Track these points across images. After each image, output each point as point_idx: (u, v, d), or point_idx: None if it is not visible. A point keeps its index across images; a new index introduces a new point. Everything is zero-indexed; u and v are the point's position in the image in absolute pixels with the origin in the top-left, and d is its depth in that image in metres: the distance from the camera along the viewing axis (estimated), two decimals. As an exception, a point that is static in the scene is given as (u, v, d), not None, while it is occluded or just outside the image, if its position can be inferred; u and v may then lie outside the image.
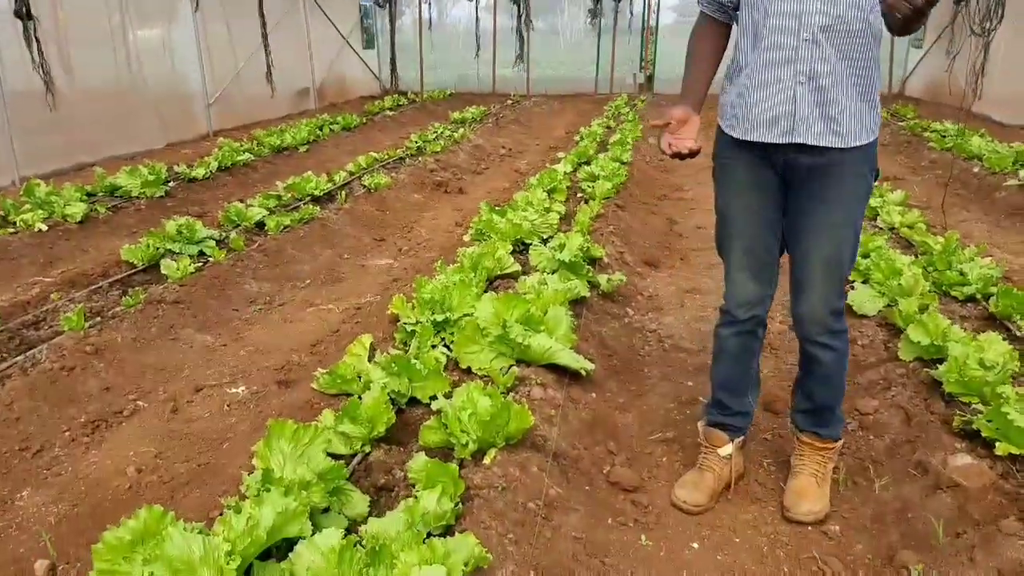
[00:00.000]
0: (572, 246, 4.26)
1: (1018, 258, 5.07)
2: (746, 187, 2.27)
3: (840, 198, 2.13)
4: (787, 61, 2.03)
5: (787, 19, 2.01)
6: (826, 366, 2.31)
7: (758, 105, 2.11)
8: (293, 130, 9.51)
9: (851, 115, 2.04)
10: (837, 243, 2.17)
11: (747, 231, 2.30)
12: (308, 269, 4.96)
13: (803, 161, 2.12)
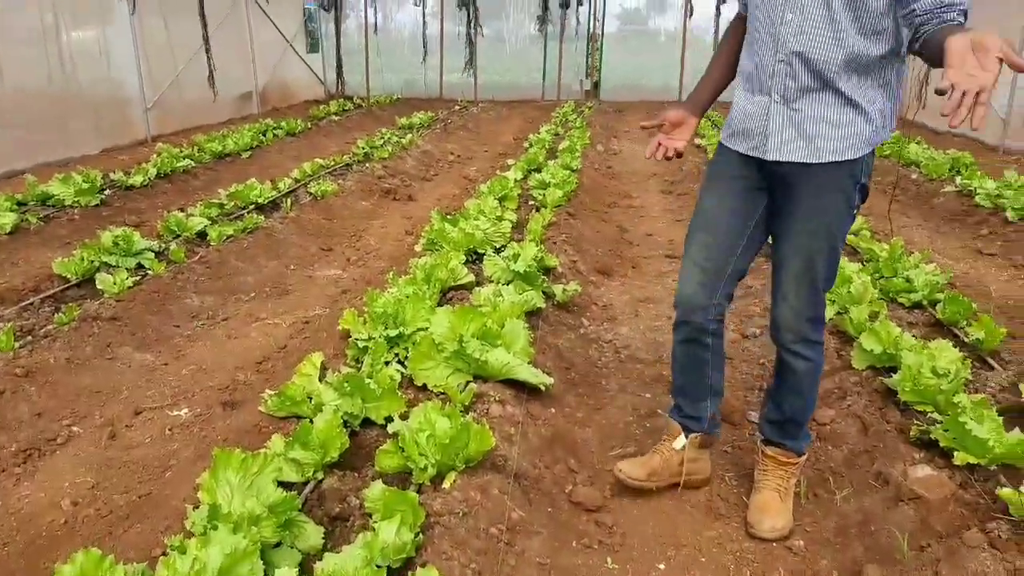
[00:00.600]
0: (526, 256, 4.20)
1: (958, 263, 5.21)
2: (725, 188, 2.26)
3: (815, 213, 2.12)
4: (766, 78, 2.05)
5: (766, 39, 2.03)
6: (798, 375, 2.30)
7: (739, 117, 2.16)
8: (236, 135, 9.26)
9: (828, 134, 2.02)
10: (809, 256, 2.16)
11: (711, 228, 2.29)
12: (253, 281, 4.80)
13: (783, 173, 2.12)
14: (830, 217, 2.12)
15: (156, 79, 10.03)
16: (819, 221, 2.12)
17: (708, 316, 2.35)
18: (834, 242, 2.16)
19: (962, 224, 6.03)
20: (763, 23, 2.04)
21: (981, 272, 5.00)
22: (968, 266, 5.15)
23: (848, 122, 2.01)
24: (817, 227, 2.13)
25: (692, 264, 2.32)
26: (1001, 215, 5.82)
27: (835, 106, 2.00)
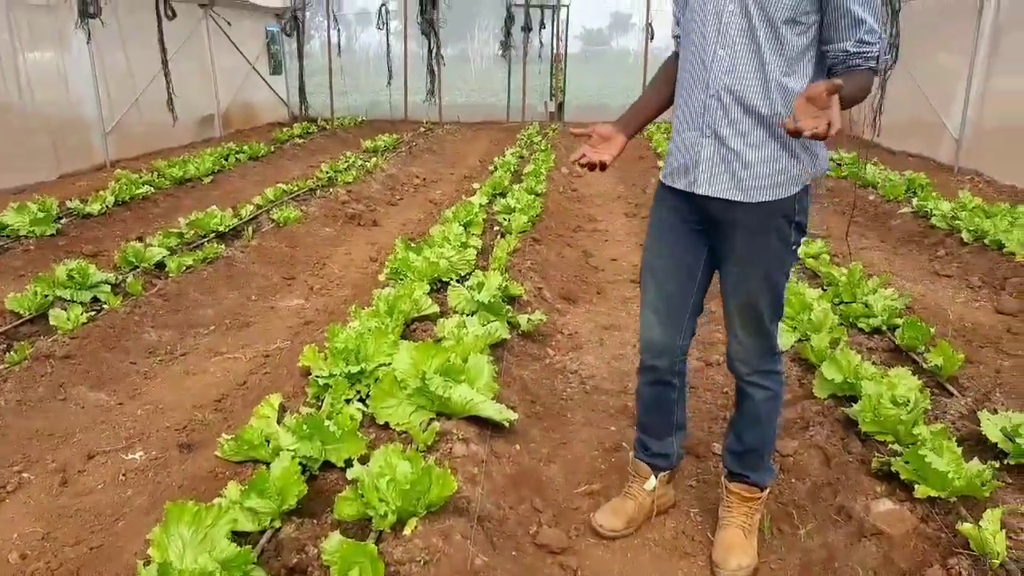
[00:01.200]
0: (491, 286, 4.19)
1: (916, 285, 5.30)
2: (668, 230, 2.27)
3: (753, 253, 2.13)
4: (697, 113, 2.06)
5: (697, 76, 2.05)
6: (757, 405, 2.31)
7: (674, 153, 2.17)
8: (197, 160, 9.13)
9: (757, 172, 2.02)
10: (751, 296, 2.17)
11: (663, 273, 2.30)
12: (212, 314, 4.71)
13: (717, 212, 2.11)
14: (768, 259, 2.13)
15: (116, 103, 9.88)
16: (757, 264, 2.13)
17: (674, 357, 2.39)
18: (775, 282, 2.17)
19: (919, 245, 6.15)
20: (694, 60, 2.05)
21: (939, 294, 5.09)
22: (926, 288, 5.24)
23: (776, 159, 2.02)
24: (755, 270, 2.14)
25: (651, 311, 2.34)
26: (956, 236, 5.95)
27: (764, 144, 2.01)
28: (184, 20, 11.14)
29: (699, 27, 2.03)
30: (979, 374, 3.66)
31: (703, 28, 2.02)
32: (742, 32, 1.96)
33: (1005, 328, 4.49)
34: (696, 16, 2.03)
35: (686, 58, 2.09)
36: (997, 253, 5.48)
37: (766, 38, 1.94)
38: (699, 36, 2.03)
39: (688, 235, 2.23)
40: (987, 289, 5.11)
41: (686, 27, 2.09)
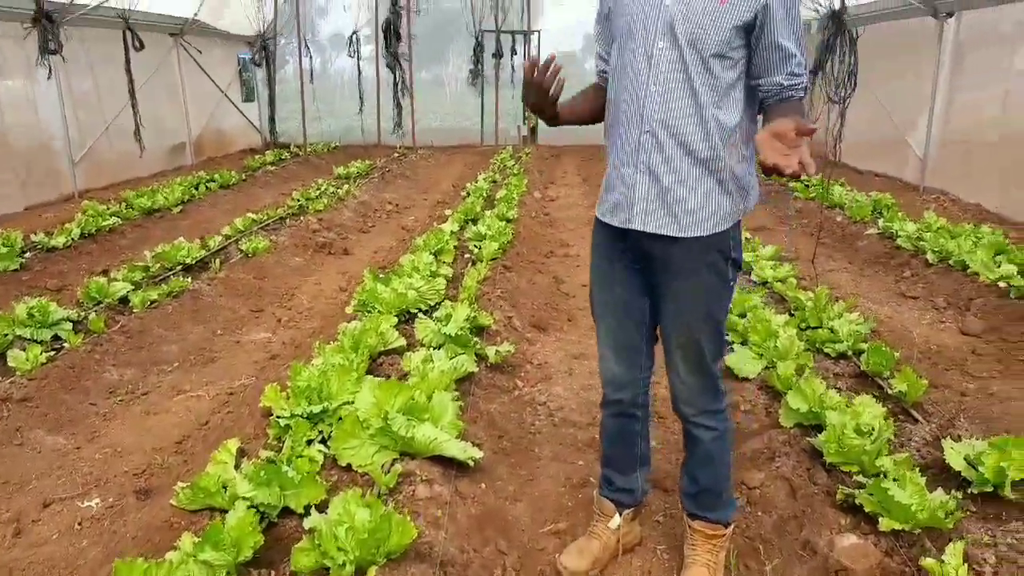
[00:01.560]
0: (458, 317, 4.17)
1: (882, 307, 5.34)
2: (609, 268, 2.27)
3: (691, 289, 2.13)
4: (632, 150, 2.07)
5: (631, 112, 2.06)
6: (706, 446, 2.30)
7: (609, 189, 2.16)
8: (166, 190, 9.04)
9: (692, 207, 2.04)
10: (691, 335, 2.17)
11: (610, 311, 2.31)
12: (177, 350, 4.64)
13: (653, 248, 2.12)
14: (704, 296, 2.14)
15: (85, 131, 9.78)
16: (694, 302, 2.14)
17: (636, 390, 2.39)
18: (714, 319, 2.17)
19: (885, 267, 6.21)
20: (628, 98, 2.06)
21: (904, 316, 5.13)
22: (892, 310, 5.28)
23: (709, 195, 2.04)
24: (693, 307, 2.14)
25: (608, 347, 2.35)
26: (922, 257, 6.01)
27: (697, 179, 2.03)
28: (155, 49, 11.10)
29: (631, 64, 2.04)
30: (944, 399, 3.68)
31: (635, 65, 2.03)
32: (673, 68, 1.98)
33: (970, 349, 4.53)
34: (627, 54, 2.05)
35: (620, 96, 2.09)
36: (961, 274, 5.55)
37: (697, 73, 1.96)
38: (632, 73, 2.04)
39: (628, 272, 2.23)
40: (952, 310, 5.16)
41: (618, 65, 2.09)
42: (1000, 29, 8.13)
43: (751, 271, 5.72)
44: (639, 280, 2.23)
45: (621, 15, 2.08)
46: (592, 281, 2.36)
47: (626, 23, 2.05)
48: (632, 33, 2.04)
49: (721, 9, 1.94)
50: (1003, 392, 3.92)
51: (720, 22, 1.94)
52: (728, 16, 1.93)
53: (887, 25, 10.14)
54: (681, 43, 1.96)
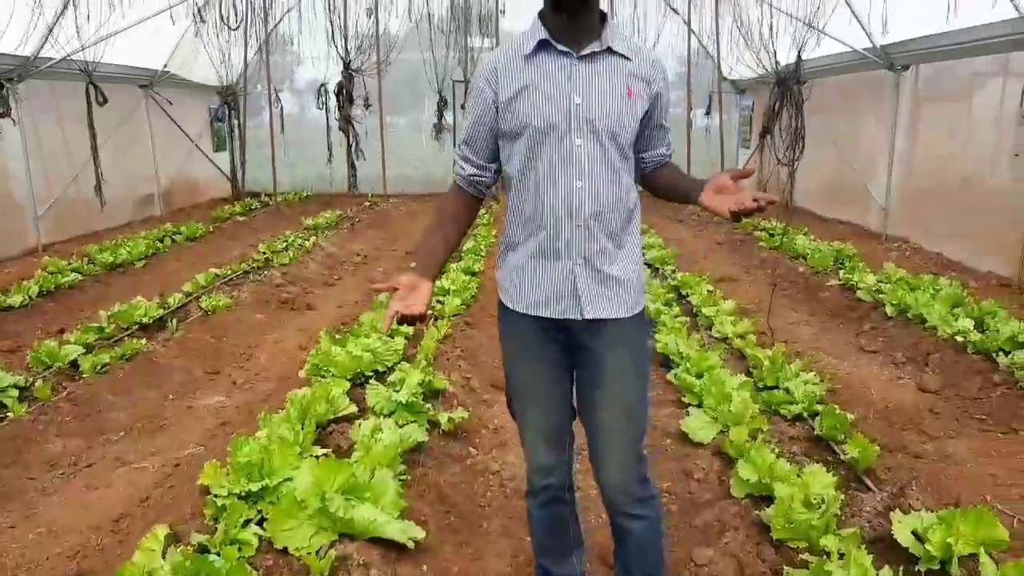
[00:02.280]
0: (411, 383, 4.11)
1: (842, 362, 5.35)
2: (533, 356, 2.23)
3: (626, 367, 2.15)
4: (564, 244, 2.06)
5: (559, 206, 2.04)
6: (639, 536, 2.25)
7: (539, 284, 2.12)
8: (130, 244, 8.95)
9: (627, 288, 2.11)
10: (625, 413, 2.16)
11: (539, 398, 2.26)
12: (125, 417, 4.53)
13: (588, 332, 2.12)
14: (638, 369, 2.18)
15: (51, 184, 9.69)
16: (630, 377, 2.16)
17: (564, 472, 2.35)
18: (642, 394, 2.20)
19: (846, 320, 6.24)
20: (551, 193, 2.03)
21: (863, 372, 5.13)
22: (851, 365, 5.29)
23: (634, 272, 2.14)
24: (630, 382, 2.16)
25: (534, 435, 2.29)
26: (882, 310, 6.05)
27: (625, 260, 2.12)
28: (124, 100, 11.11)
29: (550, 163, 2.02)
30: (897, 464, 3.65)
31: (555, 163, 2.02)
32: (596, 162, 2.02)
33: (927, 407, 4.53)
34: (544, 152, 2.02)
35: (536, 193, 2.05)
36: (920, 327, 5.58)
37: (617, 163, 2.05)
38: (553, 171, 2.02)
39: (553, 358, 2.20)
40: (911, 365, 5.18)
41: (530, 165, 2.05)
42: (957, 80, 8.33)
43: (711, 326, 5.72)
44: (565, 367, 2.22)
45: (523, 119, 2.03)
46: (512, 374, 2.30)
47: (534, 124, 2.02)
48: (544, 133, 2.02)
49: (630, 103, 2.05)
50: (958, 454, 3.91)
51: (631, 114, 2.05)
52: (636, 108, 2.06)
53: (847, 76, 10.38)
54: (602, 138, 2.02)
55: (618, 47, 2.03)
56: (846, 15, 8.95)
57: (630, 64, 2.04)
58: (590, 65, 2.01)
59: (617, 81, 2.02)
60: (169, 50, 11.62)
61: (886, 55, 8.98)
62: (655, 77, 2.08)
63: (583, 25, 2.00)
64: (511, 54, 2.06)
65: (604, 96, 2.01)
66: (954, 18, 6.51)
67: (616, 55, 2.03)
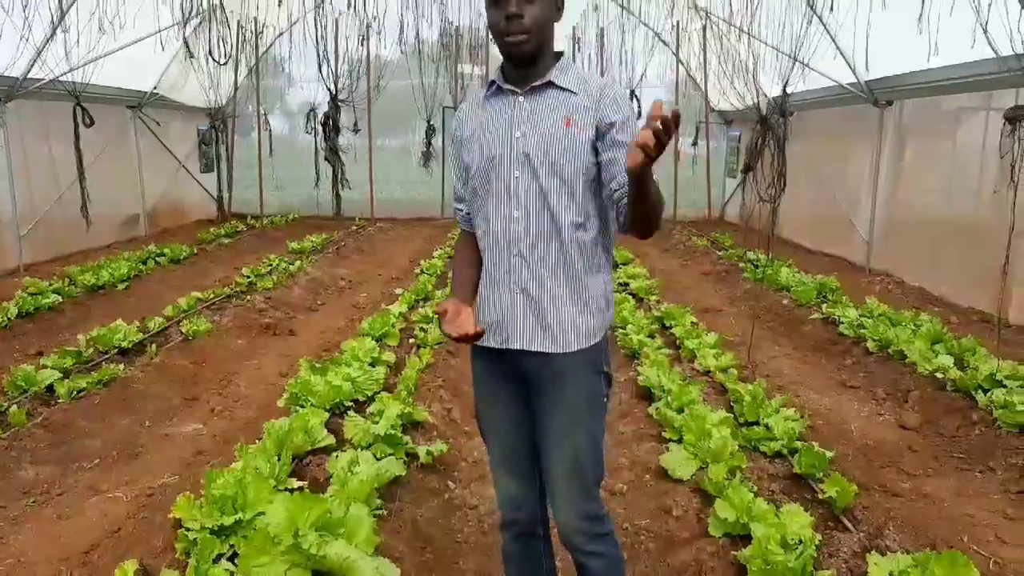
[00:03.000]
0: (390, 414, 4.08)
1: (823, 397, 5.36)
2: (493, 389, 2.28)
3: (567, 405, 2.14)
4: (504, 273, 2.13)
5: (499, 236, 2.12)
6: (598, 574, 2.24)
7: (484, 312, 2.19)
8: (112, 265, 8.88)
9: (565, 322, 2.10)
10: (574, 454, 2.15)
11: (500, 431, 2.31)
12: (100, 444, 4.47)
13: (530, 366, 2.15)
14: (582, 411, 2.15)
15: (36, 204, 9.65)
16: (573, 417, 2.14)
17: (534, 506, 2.36)
18: (593, 432, 2.18)
19: (828, 354, 6.26)
20: (494, 223, 2.11)
21: (844, 408, 5.14)
22: (832, 400, 5.30)
23: (577, 311, 2.11)
24: (573, 422, 2.15)
25: (501, 467, 2.34)
26: (863, 345, 6.07)
27: (566, 295, 2.10)
28: (112, 120, 11.11)
29: (492, 194, 2.11)
30: (875, 504, 3.64)
31: (496, 194, 2.10)
32: (531, 195, 2.07)
33: (907, 445, 4.54)
34: (486, 184, 2.12)
35: (487, 223, 2.14)
36: (901, 363, 5.60)
37: (557, 195, 2.05)
38: (494, 201, 2.11)
39: (511, 392, 2.24)
40: (891, 402, 5.19)
41: (478, 195, 2.15)
42: (940, 115, 8.44)
43: (694, 359, 5.73)
44: (522, 398, 2.24)
45: (472, 151, 2.14)
46: (477, 402, 2.36)
47: (481, 160, 2.12)
48: (489, 167, 2.11)
49: (568, 132, 2.04)
50: (936, 493, 3.91)
51: (572, 145, 2.04)
52: (578, 138, 2.04)
53: (832, 109, 10.52)
54: (538, 172, 2.05)
55: (561, 81, 2.07)
56: (832, 50, 9.08)
57: (575, 97, 2.06)
58: (533, 101, 2.08)
59: (557, 114, 2.06)
60: (159, 72, 11.65)
61: (870, 91, 9.11)
62: (603, 104, 2.04)
63: (530, 70, 2.08)
64: (473, 99, 2.22)
65: (542, 129, 2.05)
66: (935, 57, 6.61)
67: (558, 88, 2.07)
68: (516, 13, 1.95)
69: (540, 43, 2.03)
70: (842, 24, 7.39)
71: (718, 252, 10.91)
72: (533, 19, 1.97)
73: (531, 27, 1.98)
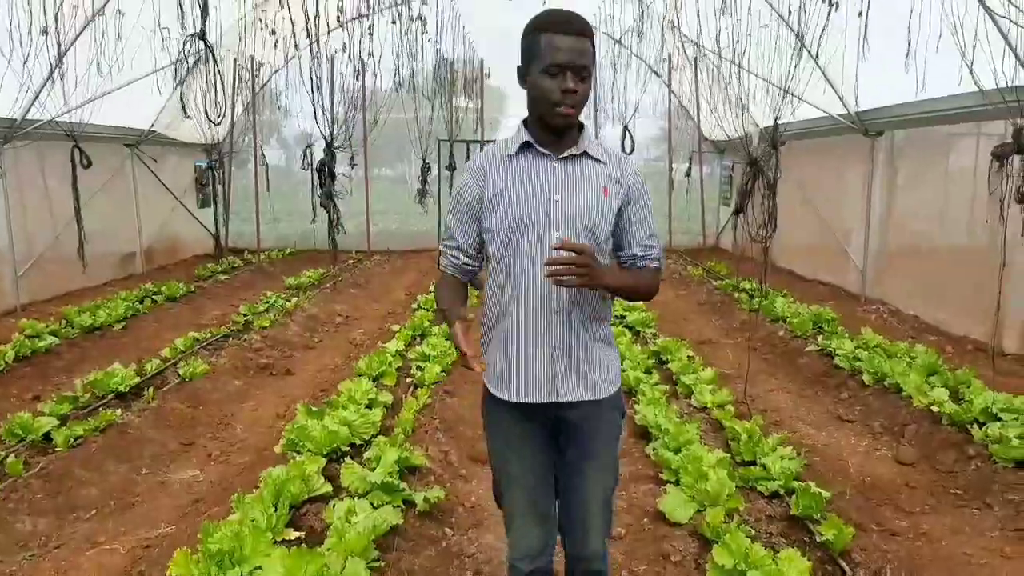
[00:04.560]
0: (387, 461, 4.09)
1: (820, 432, 5.37)
2: (520, 441, 2.38)
3: (602, 446, 2.37)
4: (543, 330, 2.23)
5: (532, 293, 2.22)
6: None
7: (521, 370, 2.28)
8: (109, 305, 8.90)
9: (600, 371, 2.31)
10: (605, 486, 2.40)
11: (529, 482, 2.39)
12: (97, 494, 4.45)
13: (567, 415, 2.31)
14: (612, 447, 2.41)
15: (32, 244, 9.67)
16: (606, 455, 2.39)
17: (550, 556, 2.46)
18: (617, 465, 2.45)
19: (824, 387, 6.27)
20: (532, 281, 2.21)
21: (841, 443, 5.15)
22: (829, 435, 5.30)
23: (608, 359, 2.34)
24: (606, 459, 2.39)
25: (526, 519, 2.40)
26: (859, 378, 6.09)
27: (599, 347, 2.31)
28: (110, 158, 11.18)
29: (529, 254, 2.20)
30: (872, 545, 3.64)
31: (538, 253, 2.19)
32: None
33: (904, 481, 4.54)
34: (524, 245, 2.21)
35: (521, 279, 2.22)
36: (897, 396, 5.61)
37: (597, 255, 2.17)
38: (535, 260, 2.20)
39: (538, 442, 2.38)
40: (888, 436, 5.20)
41: (510, 255, 2.23)
42: (931, 144, 8.52)
43: (691, 394, 5.74)
44: (550, 449, 2.39)
45: (507, 212, 2.23)
46: (502, 454, 2.43)
47: (516, 218, 2.21)
48: (525, 226, 2.21)
49: (606, 201, 2.25)
50: (933, 531, 3.91)
51: (606, 211, 2.25)
52: (611, 205, 2.27)
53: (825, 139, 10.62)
54: (579, 232, 2.20)
55: (593, 151, 2.26)
56: (822, 83, 9.19)
57: (604, 167, 2.27)
58: (569, 166, 2.23)
59: (594, 181, 2.24)
60: (156, 111, 11.73)
61: (860, 121, 9.21)
62: (625, 178, 2.28)
63: (563, 135, 2.23)
64: (497, 154, 2.29)
65: (582, 194, 2.22)
66: (922, 91, 6.71)
67: (592, 159, 2.26)
68: (573, 89, 2.10)
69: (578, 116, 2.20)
70: (831, 59, 7.49)
71: (713, 282, 10.95)
72: (584, 95, 2.14)
73: (581, 101, 2.15)
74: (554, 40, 2.08)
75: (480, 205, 2.27)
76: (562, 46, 2.07)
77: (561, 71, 2.08)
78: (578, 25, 2.10)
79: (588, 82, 2.14)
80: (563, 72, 2.08)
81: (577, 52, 2.08)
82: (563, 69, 2.08)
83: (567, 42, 2.08)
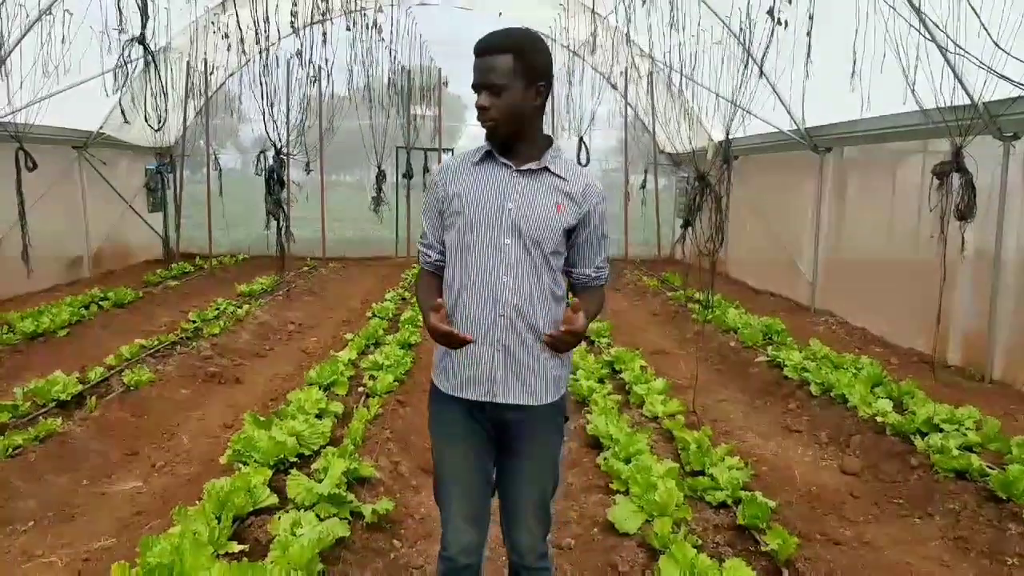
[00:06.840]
0: (335, 473, 4.03)
1: (768, 442, 5.45)
2: (460, 437, 2.42)
3: (540, 451, 2.43)
4: (486, 329, 2.29)
5: (484, 297, 2.29)
6: None
7: (463, 367, 2.34)
8: (53, 311, 8.63)
9: (542, 378, 2.35)
10: (542, 488, 2.47)
11: (464, 478, 2.44)
12: (35, 505, 4.31)
13: (505, 416, 2.36)
14: (551, 452, 2.46)
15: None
16: (544, 458, 2.44)
17: (481, 553, 2.52)
18: (556, 471, 2.50)
19: (773, 398, 6.37)
20: (479, 283, 2.29)
21: (789, 453, 5.24)
22: (777, 445, 5.39)
23: (556, 366, 2.37)
24: (543, 464, 2.45)
25: (461, 517, 2.43)
26: (807, 388, 6.20)
27: (543, 353, 2.33)
28: (57, 161, 10.89)
29: (478, 254, 2.30)
30: (816, 555, 3.70)
31: (483, 255, 2.29)
32: (521, 261, 2.29)
33: (848, 491, 4.63)
34: (474, 244, 2.30)
35: (468, 279, 2.30)
36: (843, 407, 5.72)
37: (541, 264, 2.31)
38: (480, 262, 2.29)
39: (477, 440, 2.42)
40: (834, 446, 5.30)
41: (462, 253, 2.32)
42: (878, 161, 8.77)
43: (643, 404, 5.78)
44: (488, 447, 2.43)
45: (459, 212, 2.32)
46: (442, 452, 2.48)
47: (468, 219, 2.30)
48: (475, 227, 2.30)
49: (557, 216, 2.31)
50: (876, 540, 4.00)
51: (554, 226, 2.30)
52: (561, 222, 2.31)
53: (775, 154, 10.84)
54: (526, 241, 2.28)
55: (555, 167, 2.34)
56: (772, 99, 9.39)
57: (564, 183, 2.34)
58: (527, 179, 2.32)
59: (548, 196, 2.31)
60: (105, 113, 11.47)
61: (809, 137, 9.43)
62: (587, 200, 2.35)
63: (521, 149, 2.33)
64: (463, 159, 2.41)
65: (535, 207, 2.30)
66: (867, 109, 6.89)
67: (553, 174, 2.33)
68: (483, 105, 2.25)
69: (514, 129, 2.28)
70: (781, 76, 7.67)
71: (668, 292, 11.07)
72: (499, 110, 2.24)
73: (498, 117, 2.24)
74: (474, 63, 2.25)
75: (442, 205, 2.38)
76: (476, 67, 2.25)
77: (476, 91, 2.26)
78: (489, 43, 2.23)
79: (507, 96, 2.22)
80: (478, 91, 2.25)
81: (486, 70, 2.22)
82: (477, 89, 2.26)
83: (478, 63, 2.24)
